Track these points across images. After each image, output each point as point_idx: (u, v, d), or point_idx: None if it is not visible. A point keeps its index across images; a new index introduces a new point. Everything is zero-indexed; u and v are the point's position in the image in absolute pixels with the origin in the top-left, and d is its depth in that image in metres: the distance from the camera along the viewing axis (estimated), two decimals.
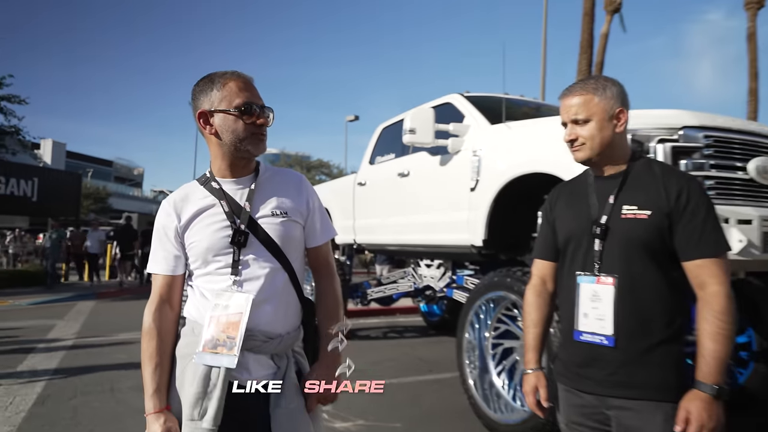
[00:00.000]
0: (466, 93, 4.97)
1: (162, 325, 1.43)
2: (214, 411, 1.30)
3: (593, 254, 1.52)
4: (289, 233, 1.47)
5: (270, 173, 1.55)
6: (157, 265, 1.46)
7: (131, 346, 6.39)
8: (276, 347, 1.42)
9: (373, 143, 6.26)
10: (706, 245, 1.40)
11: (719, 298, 1.37)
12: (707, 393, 1.34)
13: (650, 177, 1.51)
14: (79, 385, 4.63)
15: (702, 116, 3.31)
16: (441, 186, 4.60)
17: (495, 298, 3.74)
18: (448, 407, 4.10)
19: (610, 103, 1.52)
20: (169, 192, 37.52)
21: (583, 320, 1.51)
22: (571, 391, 1.57)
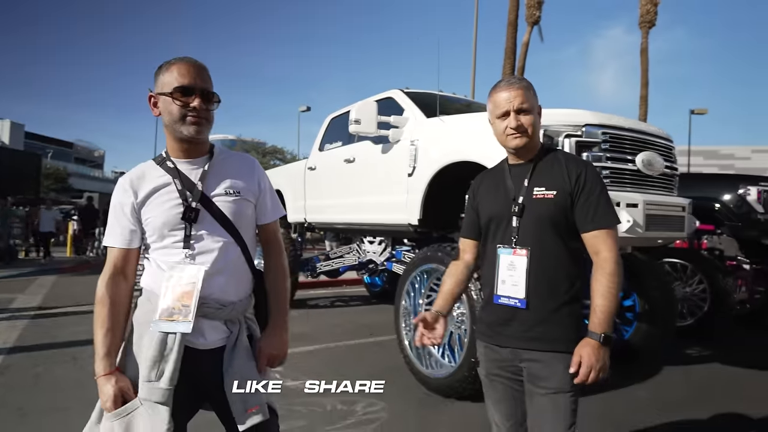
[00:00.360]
0: (405, 89, 4.97)
1: (115, 294, 1.39)
2: (170, 372, 1.29)
3: (511, 230, 1.57)
4: (242, 211, 1.45)
5: (224, 156, 1.51)
6: (113, 238, 1.41)
7: (90, 317, 6.08)
8: (229, 314, 1.40)
9: (323, 132, 6.16)
10: (600, 219, 1.50)
11: (609, 262, 1.47)
12: (596, 340, 1.43)
13: (556, 163, 1.58)
14: (40, 354, 4.34)
15: (601, 116, 3.48)
16: (382, 171, 4.62)
17: (428, 270, 3.82)
18: (387, 366, 4.17)
19: (536, 100, 1.61)
20: None
21: (501, 286, 1.57)
22: (490, 347, 1.63)
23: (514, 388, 1.60)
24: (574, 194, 1.52)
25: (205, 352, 1.38)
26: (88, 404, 3.18)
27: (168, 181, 1.40)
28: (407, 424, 2.99)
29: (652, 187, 3.63)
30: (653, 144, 3.68)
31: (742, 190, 5.61)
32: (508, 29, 15.97)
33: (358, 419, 3.02)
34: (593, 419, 3.09)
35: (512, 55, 16.10)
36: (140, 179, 1.41)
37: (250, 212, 1.50)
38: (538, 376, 1.51)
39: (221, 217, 1.41)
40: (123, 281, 1.42)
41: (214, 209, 1.40)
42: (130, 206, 1.39)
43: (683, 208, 3.75)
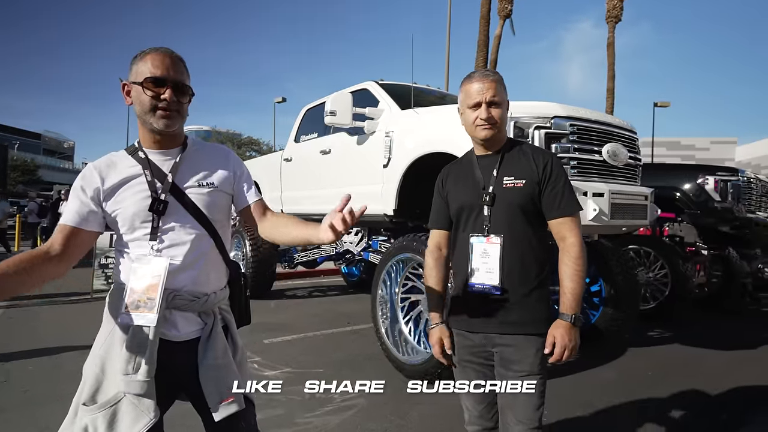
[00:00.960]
0: (380, 81, 4.95)
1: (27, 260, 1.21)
2: (147, 364, 1.26)
3: (483, 218, 1.60)
4: (216, 202, 1.42)
5: (198, 147, 1.47)
6: (68, 216, 1.31)
7: (65, 312, 5.89)
8: (202, 306, 1.38)
9: (298, 123, 6.09)
10: (565, 206, 1.55)
11: (575, 247, 1.52)
12: (568, 321, 1.49)
13: (522, 154, 1.62)
14: (12, 350, 4.19)
15: (569, 108, 3.53)
16: (358, 162, 4.60)
17: (404, 259, 3.84)
18: (364, 353, 4.20)
19: (506, 94, 1.63)
20: None
21: (476, 274, 1.59)
22: (462, 334, 1.66)
23: (485, 373, 1.63)
24: (541, 183, 1.56)
25: (179, 344, 1.36)
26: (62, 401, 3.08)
27: (138, 172, 1.35)
28: (385, 409, 3.02)
29: (617, 177, 3.71)
30: (618, 135, 3.76)
31: (700, 179, 5.80)
32: (481, 22, 16.02)
33: (337, 406, 3.03)
34: (563, 400, 3.18)
35: (485, 48, 16.17)
36: (109, 167, 1.36)
37: (225, 204, 1.46)
38: (510, 360, 1.54)
39: (194, 209, 1.37)
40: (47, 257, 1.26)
41: (187, 201, 1.36)
42: (94, 190, 1.33)
43: (646, 197, 3.86)
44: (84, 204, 1.33)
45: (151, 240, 1.33)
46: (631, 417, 3.00)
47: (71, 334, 4.73)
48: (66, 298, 6.84)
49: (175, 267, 1.32)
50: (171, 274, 1.31)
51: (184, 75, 1.35)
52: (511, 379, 1.53)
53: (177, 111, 1.33)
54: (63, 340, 4.50)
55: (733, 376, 3.81)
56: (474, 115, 1.59)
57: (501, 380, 1.57)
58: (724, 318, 6.25)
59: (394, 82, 5.05)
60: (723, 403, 3.28)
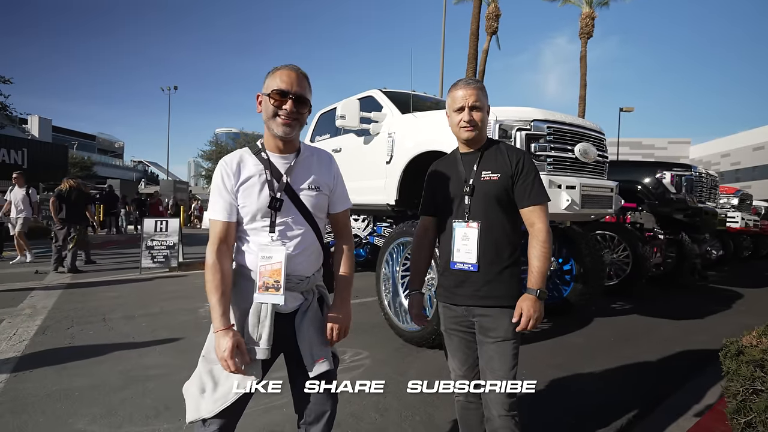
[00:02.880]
0: (384, 89, 4.90)
1: (222, 261, 1.35)
2: (267, 335, 1.33)
3: (464, 207, 1.60)
4: (320, 203, 1.45)
5: (309, 153, 1.48)
6: (216, 213, 1.37)
7: (118, 287, 5.95)
8: (306, 285, 1.43)
9: (313, 126, 6.06)
10: (534, 196, 1.54)
11: (542, 232, 1.52)
12: (533, 295, 1.49)
13: (499, 152, 1.62)
14: (75, 317, 4.24)
15: (546, 113, 3.50)
16: (365, 159, 4.57)
17: (404, 242, 3.84)
18: (369, 322, 4.22)
19: (487, 100, 1.63)
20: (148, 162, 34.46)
21: (457, 254, 1.60)
22: (448, 306, 1.67)
23: (467, 340, 1.64)
24: (514, 176, 1.56)
25: (285, 316, 1.40)
26: (117, 359, 3.12)
27: (260, 170, 1.38)
28: (387, 368, 3.05)
29: (587, 172, 3.69)
30: (589, 136, 3.73)
31: (658, 174, 5.75)
32: (471, 38, 15.79)
33: (347, 366, 3.06)
34: (538, 363, 3.20)
35: (474, 60, 15.96)
36: (239, 164, 1.39)
37: (325, 204, 1.49)
38: (487, 328, 1.55)
39: (303, 208, 1.40)
40: (227, 250, 1.38)
41: (298, 201, 1.39)
42: (231, 185, 1.37)
43: (612, 190, 3.83)
44: (227, 200, 1.37)
45: (270, 232, 1.37)
46: (596, 375, 3.02)
47: (125, 306, 4.78)
48: (119, 276, 6.92)
49: (291, 255, 1.37)
50: (290, 260, 1.36)
51: (306, 90, 1.37)
52: (488, 344, 1.54)
53: (296, 120, 1.36)
54: (118, 311, 4.56)
55: (683, 342, 3.82)
56: (458, 118, 1.59)
57: (480, 345, 1.59)
58: (677, 293, 6.25)
59: (395, 90, 5.00)
60: (675, 365, 3.29)
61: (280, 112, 1.33)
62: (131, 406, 2.41)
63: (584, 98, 20.53)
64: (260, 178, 1.37)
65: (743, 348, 2.07)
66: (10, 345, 3.41)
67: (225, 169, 1.38)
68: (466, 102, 1.57)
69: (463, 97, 1.58)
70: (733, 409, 1.89)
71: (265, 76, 1.38)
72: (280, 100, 1.32)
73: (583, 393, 2.70)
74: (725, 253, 9.01)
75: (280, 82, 1.33)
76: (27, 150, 15.72)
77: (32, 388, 2.61)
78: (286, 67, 1.36)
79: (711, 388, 2.65)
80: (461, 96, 1.58)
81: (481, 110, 1.59)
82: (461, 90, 1.59)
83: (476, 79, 1.68)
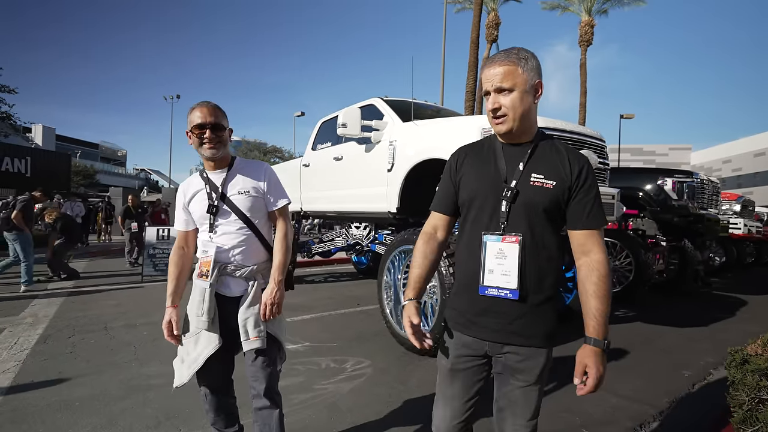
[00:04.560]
0: (385, 97, 4.92)
1: (179, 259, 1.78)
2: (207, 308, 1.65)
3: (500, 215, 1.23)
4: (254, 205, 1.71)
5: (241, 165, 1.76)
6: (177, 224, 1.80)
7: (120, 295, 5.94)
8: (245, 274, 1.70)
9: (315, 134, 6.08)
10: (594, 218, 1.21)
11: (603, 264, 1.18)
12: (600, 348, 1.16)
13: (556, 153, 1.26)
14: (76, 326, 4.23)
15: (547, 120, 3.51)
16: (366, 167, 4.58)
17: (405, 250, 3.83)
18: (371, 330, 4.20)
19: (531, 75, 1.20)
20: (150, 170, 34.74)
21: (489, 275, 1.24)
22: (462, 339, 1.32)
23: (473, 384, 1.32)
24: (572, 189, 1.22)
25: (232, 299, 1.70)
26: (118, 369, 3.10)
27: (202, 187, 1.72)
28: (389, 377, 3.03)
29: None
30: (589, 143, 3.73)
31: (660, 181, 5.75)
32: (471, 46, 15.90)
33: (349, 375, 3.04)
34: (551, 371, 3.17)
35: (474, 68, 16.04)
36: (188, 186, 1.75)
37: (259, 205, 1.74)
38: (515, 369, 1.26)
39: (236, 210, 1.68)
40: (184, 251, 1.79)
41: (232, 205, 1.68)
42: (182, 204, 1.75)
43: (613, 197, 3.82)
44: (181, 216, 1.77)
45: (210, 231, 1.69)
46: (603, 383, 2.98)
47: (126, 315, 4.77)
48: (120, 284, 6.91)
49: (225, 248, 1.68)
50: (222, 252, 1.68)
51: (220, 117, 1.66)
52: (513, 387, 1.26)
53: (218, 142, 1.66)
54: (119, 319, 4.55)
55: (687, 350, 3.78)
56: (488, 107, 1.24)
57: (501, 382, 1.30)
58: (680, 300, 6.21)
59: (396, 98, 5.03)
60: (678, 373, 3.25)
61: (204, 140, 1.63)
62: (131, 416, 2.39)
63: (584, 105, 20.58)
64: (202, 192, 1.71)
65: (748, 357, 2.06)
66: (11, 354, 3.40)
67: (180, 191, 1.77)
68: (491, 84, 1.21)
69: (487, 77, 1.21)
70: (739, 419, 1.87)
71: (186, 115, 1.67)
72: (200, 131, 1.63)
73: (585, 403, 2.68)
74: (728, 260, 8.97)
75: (197, 118, 1.62)
76: (30, 159, 15.82)
77: (32, 398, 2.60)
78: (199, 105, 1.65)
79: (716, 398, 2.62)
80: (486, 76, 1.22)
81: (512, 91, 1.19)
82: (487, 68, 1.22)
83: (507, 49, 1.23)
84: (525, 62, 1.19)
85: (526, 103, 1.20)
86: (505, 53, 1.21)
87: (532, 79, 1.20)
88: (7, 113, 16.86)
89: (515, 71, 1.18)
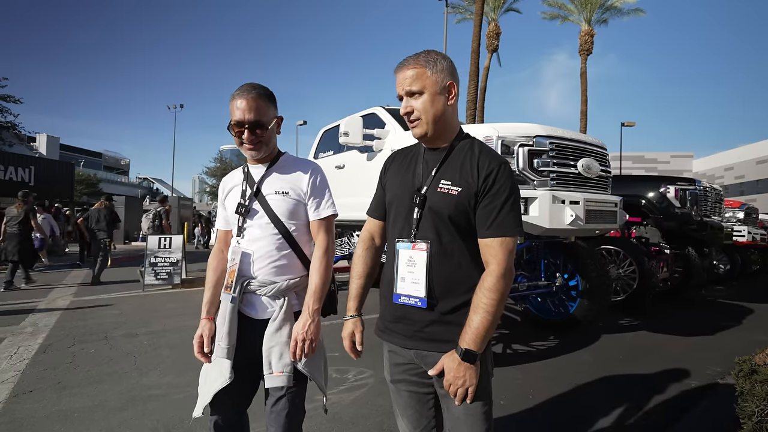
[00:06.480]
0: (386, 106, 4.95)
1: (217, 263, 1.54)
2: (227, 331, 1.37)
3: (412, 221, 1.20)
4: (290, 209, 1.43)
5: (286, 162, 1.50)
6: (219, 222, 1.58)
7: (121, 304, 5.92)
8: (274, 291, 1.39)
9: (317, 142, 6.11)
10: (495, 227, 1.11)
11: (491, 276, 1.09)
12: (457, 355, 1.09)
13: (469, 156, 1.18)
14: (76, 335, 4.21)
15: (548, 129, 3.51)
16: (368, 176, 4.58)
17: None
18: (373, 339, 4.15)
19: (441, 77, 1.16)
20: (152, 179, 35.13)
21: (401, 284, 1.21)
22: (394, 350, 1.28)
23: (420, 394, 1.26)
24: (478, 194, 1.13)
25: (259, 322, 1.41)
26: (117, 379, 3.08)
27: (240, 182, 1.49)
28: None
29: (590, 187, 3.68)
30: (591, 151, 3.73)
31: (663, 188, 5.74)
32: (472, 56, 16.01)
33: (351, 385, 3.01)
34: (545, 381, 3.13)
35: (475, 77, 16.14)
36: (229, 179, 1.55)
37: (299, 210, 1.44)
38: None
39: (270, 213, 1.41)
40: (222, 254, 1.55)
41: (265, 205, 1.42)
42: (221, 200, 1.54)
43: (616, 204, 3.81)
44: (221, 214, 1.55)
45: (238, 236, 1.44)
46: (606, 394, 2.94)
47: (127, 324, 4.75)
48: (121, 293, 6.90)
49: (253, 258, 1.40)
50: (249, 263, 1.40)
51: (262, 111, 1.38)
52: (453, 405, 1.15)
53: (259, 142, 1.41)
54: (120, 328, 4.52)
55: (693, 360, 3.73)
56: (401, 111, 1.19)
57: (443, 400, 1.21)
58: (684, 308, 6.14)
59: (398, 107, 5.05)
60: (685, 384, 3.20)
61: (243, 140, 1.39)
62: (130, 428, 2.36)
63: (585, 113, 20.68)
64: (238, 188, 1.48)
65: (757, 367, 2.02)
66: (11, 364, 3.38)
67: (221, 184, 1.56)
68: (401, 88, 1.17)
69: (399, 81, 1.18)
70: (749, 431, 1.83)
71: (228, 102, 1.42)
72: (239, 130, 1.38)
73: (591, 414, 2.63)
74: (733, 268, 8.91)
75: (236, 110, 1.37)
76: (34, 168, 15.95)
77: (30, 409, 2.57)
78: (240, 94, 1.37)
79: (724, 409, 2.57)
80: (398, 82, 1.18)
81: (422, 93, 1.15)
82: (397, 73, 1.18)
83: (417, 53, 1.19)
84: (434, 64, 1.16)
85: (438, 106, 1.16)
86: (414, 57, 1.18)
87: (442, 80, 1.16)
88: (11, 123, 17.05)
89: (423, 74, 1.15)
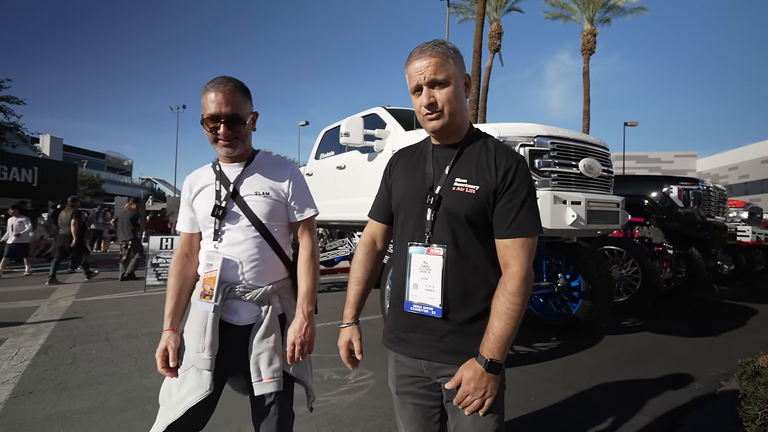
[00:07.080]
0: (387, 106, 4.94)
1: (181, 269, 1.41)
2: (210, 344, 1.28)
3: (425, 223, 1.12)
4: (271, 210, 1.36)
5: (262, 161, 1.42)
6: (180, 225, 1.45)
7: (123, 304, 5.93)
8: (257, 296, 1.33)
9: (318, 143, 6.11)
10: (517, 226, 1.06)
11: (515, 279, 1.03)
12: (480, 364, 1.03)
13: (484, 152, 1.12)
14: (77, 336, 4.22)
15: (550, 128, 3.49)
16: (369, 176, 4.57)
17: None
18: (373, 341, 4.14)
19: (462, 69, 1.11)
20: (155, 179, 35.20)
21: (413, 291, 1.14)
22: (400, 360, 1.22)
23: (426, 407, 1.19)
24: (497, 192, 1.08)
25: (241, 328, 1.34)
26: (117, 380, 3.07)
27: (212, 181, 1.39)
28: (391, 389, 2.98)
29: (592, 188, 3.66)
30: (593, 151, 3.71)
31: (666, 188, 5.70)
32: (474, 56, 15.98)
33: (351, 386, 3.00)
34: (548, 383, 3.12)
35: (477, 77, 16.11)
36: (196, 178, 1.43)
37: (279, 211, 1.38)
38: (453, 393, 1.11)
39: (250, 215, 1.34)
40: (186, 259, 1.43)
41: (246, 209, 1.34)
42: (187, 199, 1.42)
43: (618, 204, 3.79)
44: (186, 215, 1.43)
45: (214, 239, 1.34)
46: (608, 396, 2.92)
47: (128, 325, 4.76)
48: (122, 294, 6.92)
49: (233, 263, 1.32)
50: (231, 268, 1.32)
51: (239, 105, 1.29)
52: (462, 416, 1.09)
53: (235, 138, 1.32)
54: (121, 329, 4.53)
55: (697, 361, 3.70)
56: (418, 103, 1.12)
57: (452, 414, 1.14)
58: (688, 309, 6.11)
59: (398, 107, 5.04)
60: (688, 386, 3.18)
61: (218, 136, 1.29)
62: (129, 429, 2.36)
63: (588, 113, 20.60)
64: (211, 188, 1.38)
65: (760, 369, 2.00)
66: (12, 365, 3.39)
67: (185, 184, 1.45)
68: (422, 77, 1.08)
69: (418, 70, 1.08)
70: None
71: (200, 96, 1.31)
72: (214, 126, 1.28)
73: (593, 416, 2.61)
74: (737, 268, 8.85)
75: (210, 104, 1.27)
76: (37, 168, 16.05)
77: (30, 411, 2.58)
78: (214, 86, 1.28)
79: (727, 412, 2.55)
80: (416, 69, 1.09)
81: (447, 85, 1.08)
82: (415, 61, 1.09)
83: (432, 41, 1.11)
84: (454, 54, 1.10)
85: (461, 98, 1.11)
86: (432, 44, 1.10)
87: (463, 73, 1.12)
88: (15, 124, 17.16)
89: (447, 63, 1.08)
